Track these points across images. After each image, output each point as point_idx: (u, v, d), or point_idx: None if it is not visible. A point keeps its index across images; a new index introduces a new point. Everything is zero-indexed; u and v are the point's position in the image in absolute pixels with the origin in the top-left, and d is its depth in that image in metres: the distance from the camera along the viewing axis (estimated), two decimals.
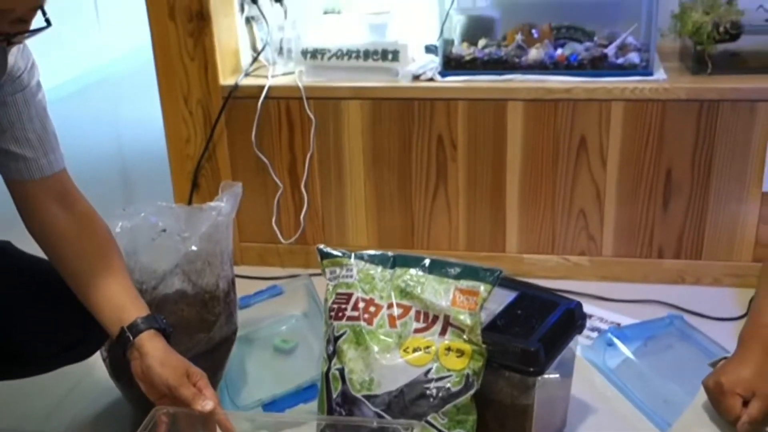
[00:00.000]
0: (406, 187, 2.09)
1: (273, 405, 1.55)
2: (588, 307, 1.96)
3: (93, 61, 4.83)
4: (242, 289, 2.08)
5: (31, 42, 1.16)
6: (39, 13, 1.09)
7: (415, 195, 2.09)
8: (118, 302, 1.28)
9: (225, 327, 1.58)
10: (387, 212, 2.13)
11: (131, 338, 1.24)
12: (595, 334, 1.84)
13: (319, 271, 1.44)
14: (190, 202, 2.17)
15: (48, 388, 1.63)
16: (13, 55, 1.23)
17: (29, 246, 1.36)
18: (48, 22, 1.10)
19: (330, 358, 1.35)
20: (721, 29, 1.85)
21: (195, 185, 2.16)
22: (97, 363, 1.56)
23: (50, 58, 4.33)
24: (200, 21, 2.01)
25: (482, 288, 1.30)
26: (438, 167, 2.05)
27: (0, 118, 1.26)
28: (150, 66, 2.08)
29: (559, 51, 1.99)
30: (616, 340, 1.73)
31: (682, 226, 2.00)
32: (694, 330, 1.76)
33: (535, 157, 1.99)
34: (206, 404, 1.20)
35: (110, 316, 1.27)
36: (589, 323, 1.90)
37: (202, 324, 1.54)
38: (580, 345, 1.78)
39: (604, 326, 1.89)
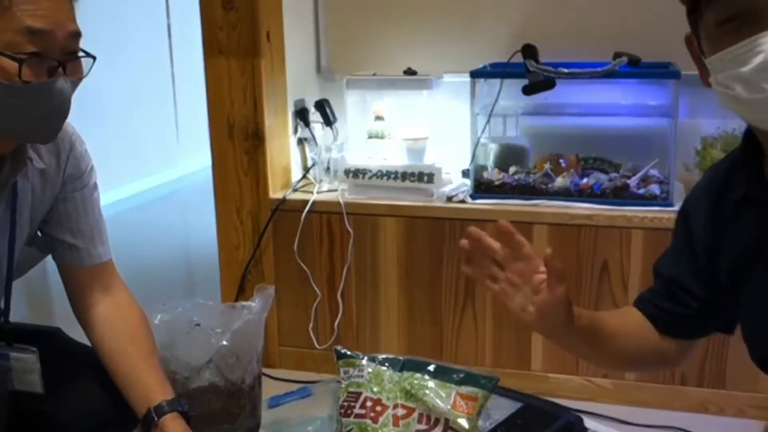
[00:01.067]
0: (437, 301, 2.20)
1: None
2: (608, 430, 2.01)
3: (171, 173, 5.21)
4: (276, 390, 2.20)
5: (114, 151, 1.33)
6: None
7: (444, 309, 2.20)
8: (146, 383, 1.41)
9: (248, 420, 1.68)
10: (418, 324, 2.23)
11: (155, 418, 1.37)
12: None
13: None
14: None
15: None
16: (77, 153, 1.43)
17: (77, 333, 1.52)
18: (90, 55, 1.25)
19: None
20: None
21: (241, 289, 2.32)
22: None
23: (133, 168, 4.68)
24: (255, 140, 2.22)
25: (480, 394, 1.39)
26: (467, 284, 2.16)
27: (60, 211, 1.45)
28: None
29: (585, 180, 2.12)
30: None
31: (705, 354, 2.04)
32: None
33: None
34: None
35: (139, 397, 1.40)
36: None
37: (228, 415, 1.65)
38: None
39: None
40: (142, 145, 4.85)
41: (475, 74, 2.12)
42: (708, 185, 1.17)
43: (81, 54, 1.25)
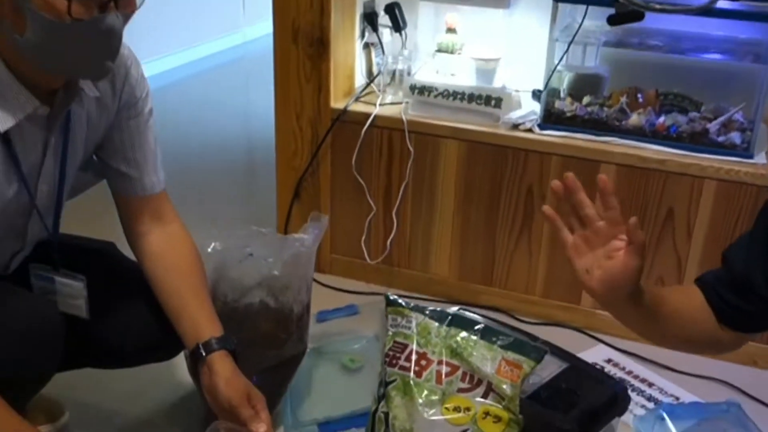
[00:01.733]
0: (491, 228, 2.16)
1: (327, 426, 1.69)
2: (651, 375, 2.02)
3: (234, 39, 5.12)
4: (324, 298, 2.24)
5: (177, 16, 1.24)
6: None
7: (499, 236, 2.17)
8: (196, 319, 1.43)
9: (295, 347, 1.72)
10: (471, 247, 2.21)
11: (204, 355, 1.40)
12: (651, 405, 1.87)
13: (399, 291, 1.54)
14: (289, 211, 2.32)
15: (136, 374, 1.81)
16: (132, 80, 1.39)
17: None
18: None
19: (379, 399, 1.46)
20: None
21: (296, 195, 2.31)
22: (180, 358, 1.73)
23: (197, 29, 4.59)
24: (320, 47, 2.14)
25: (526, 364, 1.38)
26: (525, 214, 2.11)
27: (115, 140, 1.43)
28: None
29: (662, 119, 2.01)
30: (666, 417, 1.76)
31: None
32: (750, 421, 1.77)
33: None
34: (260, 427, 1.34)
35: (188, 330, 1.43)
36: (648, 391, 1.96)
37: (276, 341, 1.68)
38: (634, 414, 1.83)
39: (663, 398, 1.92)
40: (207, 10, 4.76)
41: None
42: None
43: None
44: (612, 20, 1.90)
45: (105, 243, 1.60)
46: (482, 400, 1.39)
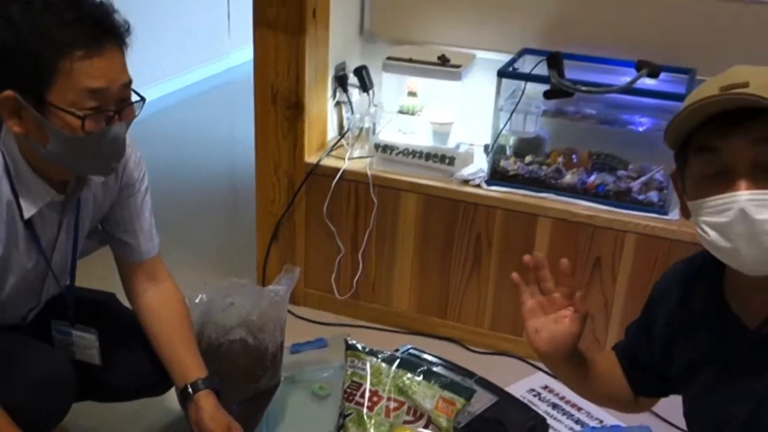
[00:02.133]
0: (446, 268, 2.46)
1: None
2: (580, 401, 2.30)
3: (218, 66, 5.38)
4: (298, 329, 2.52)
5: (166, 44, 1.49)
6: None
7: (452, 276, 2.46)
8: (185, 364, 1.71)
9: (270, 380, 2.00)
10: (427, 284, 2.50)
11: (191, 393, 1.68)
12: (578, 427, 2.17)
13: (363, 323, 1.82)
14: (268, 251, 2.61)
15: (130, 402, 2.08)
16: (130, 166, 1.67)
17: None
18: (141, 97, 1.46)
19: (338, 429, 1.76)
20: None
21: (275, 237, 2.60)
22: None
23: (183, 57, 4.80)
24: (296, 109, 2.42)
25: (458, 402, 1.68)
26: (474, 258, 2.41)
27: (117, 214, 1.71)
28: None
29: (592, 177, 2.31)
30: None
31: None
32: None
33: (556, 266, 2.31)
34: None
35: (178, 373, 1.71)
36: (577, 415, 2.25)
37: (253, 376, 1.97)
38: None
39: (588, 421, 2.21)
40: (193, 38, 5.00)
41: (501, 73, 2.27)
42: (680, 277, 1.34)
43: (134, 99, 1.46)
44: (547, 95, 2.21)
45: (108, 294, 1.88)
46: (423, 431, 1.69)
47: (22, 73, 1.35)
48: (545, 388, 2.36)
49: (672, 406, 1.43)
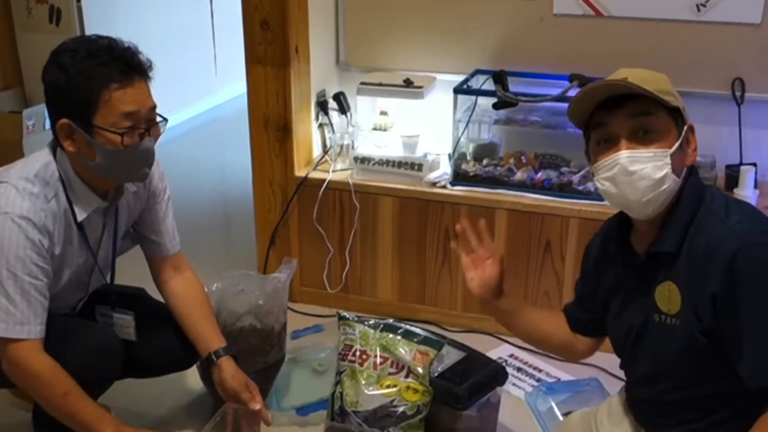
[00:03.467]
0: (422, 260, 2.86)
1: (303, 409, 2.35)
2: (541, 364, 2.71)
3: (207, 103, 5.80)
4: (297, 320, 2.91)
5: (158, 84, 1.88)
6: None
7: (427, 266, 2.86)
8: (207, 336, 2.10)
9: (276, 354, 2.39)
10: (407, 275, 2.90)
11: (214, 359, 2.06)
12: (536, 384, 2.56)
13: (355, 313, 2.22)
14: (267, 254, 3.01)
15: (156, 383, 2.43)
16: (155, 178, 2.06)
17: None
18: (163, 118, 1.86)
19: (335, 384, 2.14)
20: None
21: (272, 242, 3.00)
22: (192, 370, 2.38)
23: (174, 97, 5.19)
24: (285, 132, 2.84)
25: (431, 352, 2.07)
26: (445, 250, 2.81)
27: (146, 218, 2.11)
28: None
29: (539, 174, 2.73)
30: (546, 392, 2.46)
31: None
32: (605, 391, 2.46)
33: (515, 251, 2.73)
34: (256, 405, 2.01)
35: (202, 344, 2.10)
36: (538, 375, 2.65)
37: (262, 351, 2.36)
38: (525, 391, 2.53)
39: (548, 380, 2.61)
40: (183, 78, 5.40)
41: (456, 90, 2.70)
42: (601, 233, 1.78)
43: (158, 119, 1.87)
44: (495, 106, 2.63)
45: (139, 289, 2.27)
46: (405, 379, 2.08)
47: (73, 105, 1.76)
48: (511, 356, 2.76)
49: (615, 361, 1.80)
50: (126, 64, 1.79)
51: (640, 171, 1.49)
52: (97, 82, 1.75)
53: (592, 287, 1.79)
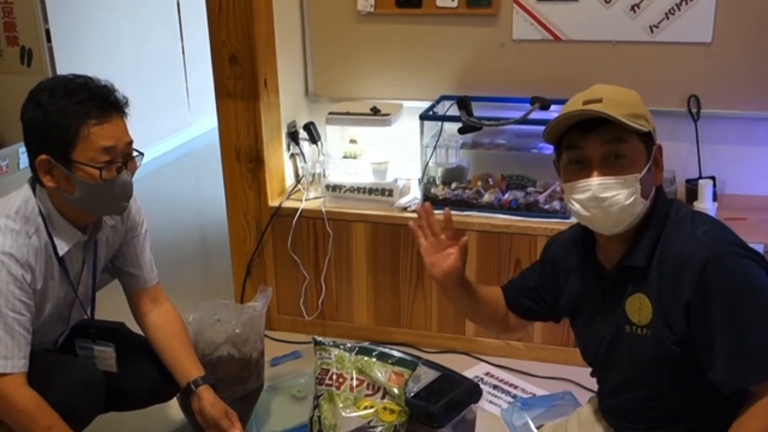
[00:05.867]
0: (395, 284, 2.92)
1: None
2: (516, 380, 2.77)
3: (182, 137, 5.85)
4: (276, 349, 2.95)
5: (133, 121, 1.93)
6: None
7: (401, 290, 2.92)
8: (186, 366, 2.14)
9: (255, 382, 2.43)
10: (381, 300, 2.96)
11: (193, 389, 2.10)
12: (512, 400, 2.62)
13: (332, 338, 2.26)
14: (244, 284, 3.05)
15: (139, 414, 2.45)
16: (133, 212, 2.11)
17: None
18: (140, 152, 1.91)
19: (314, 408, 2.18)
20: None
21: (248, 273, 3.04)
22: (173, 401, 2.41)
23: (149, 132, 5.23)
24: (257, 163, 2.90)
25: (406, 373, 2.12)
26: (418, 272, 2.87)
27: (124, 252, 2.15)
28: None
29: (506, 195, 2.80)
30: (521, 408, 2.51)
31: None
32: (579, 404, 2.52)
33: (485, 270, 2.79)
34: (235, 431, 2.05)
35: (181, 374, 2.13)
36: (514, 392, 2.71)
37: (241, 379, 2.40)
38: (501, 408, 2.58)
39: (523, 395, 2.67)
40: (156, 113, 5.47)
41: (422, 117, 2.78)
42: (570, 238, 1.81)
43: (135, 154, 1.93)
44: (460, 131, 2.71)
45: (118, 323, 2.30)
46: (381, 400, 2.13)
47: (52, 141, 1.82)
48: (487, 374, 2.81)
49: (588, 374, 1.86)
50: (103, 101, 1.85)
51: (611, 198, 1.56)
52: (76, 119, 1.81)
53: (548, 285, 1.85)
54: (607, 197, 1.56)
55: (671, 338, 1.56)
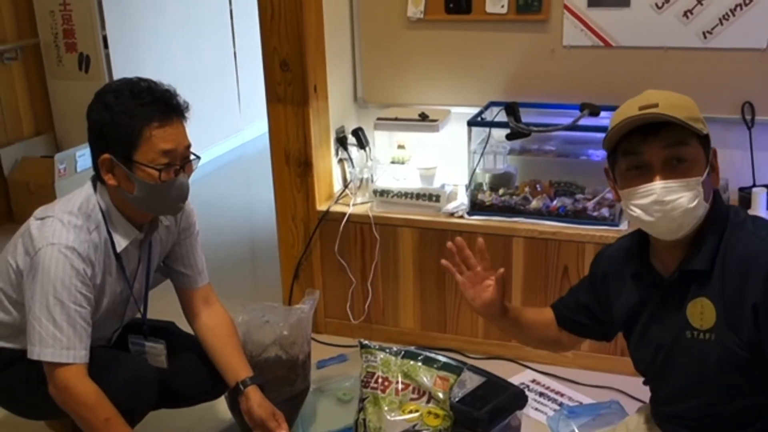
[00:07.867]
0: (442, 289, 2.92)
1: None
2: (563, 388, 2.75)
3: (233, 141, 5.93)
4: (323, 352, 2.97)
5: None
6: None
7: (447, 295, 2.92)
8: (235, 367, 2.18)
9: (302, 384, 2.46)
10: (427, 305, 2.96)
11: (242, 389, 2.14)
12: (558, 408, 2.60)
13: (378, 343, 2.28)
14: (291, 287, 3.09)
15: (188, 412, 2.51)
16: (186, 214, 2.16)
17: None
18: (197, 156, 1.97)
19: (359, 411, 2.20)
20: None
21: (296, 276, 3.08)
22: (219, 405, 2.46)
23: (201, 137, 5.31)
24: (306, 167, 2.93)
25: (451, 377, 2.13)
26: None
27: (177, 251, 2.20)
28: None
29: (554, 202, 2.79)
30: (567, 416, 2.49)
31: None
32: (626, 413, 2.49)
33: (532, 277, 2.78)
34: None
35: (230, 374, 2.17)
36: (560, 400, 2.69)
37: (288, 381, 2.42)
38: (546, 415, 2.57)
39: (569, 403, 2.65)
40: (208, 119, 5.55)
41: (470, 123, 2.78)
42: (619, 248, 1.81)
43: (192, 157, 1.97)
44: (508, 137, 2.71)
45: (169, 322, 2.35)
46: (426, 404, 2.14)
47: (116, 141, 1.88)
48: (533, 381, 2.80)
49: (635, 383, 1.84)
50: (166, 105, 1.91)
51: (674, 201, 1.55)
52: (139, 121, 1.87)
53: (598, 299, 1.84)
54: (670, 200, 1.55)
55: (737, 342, 1.55)
